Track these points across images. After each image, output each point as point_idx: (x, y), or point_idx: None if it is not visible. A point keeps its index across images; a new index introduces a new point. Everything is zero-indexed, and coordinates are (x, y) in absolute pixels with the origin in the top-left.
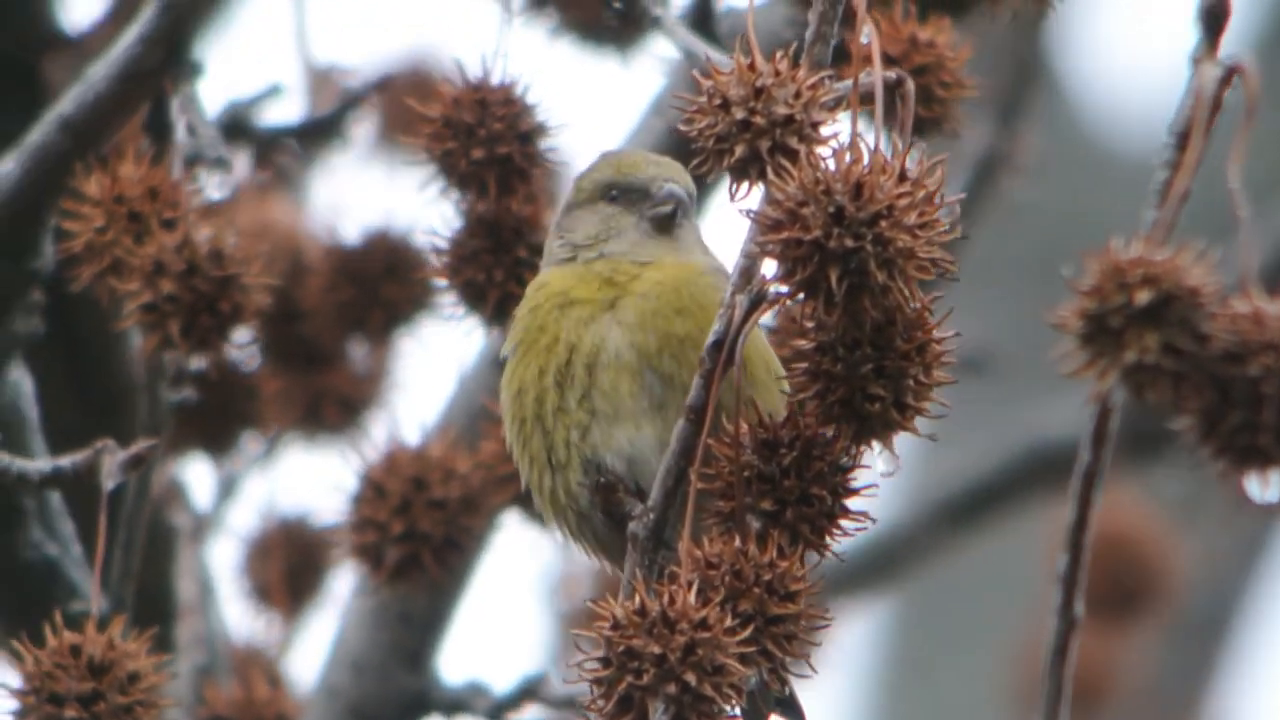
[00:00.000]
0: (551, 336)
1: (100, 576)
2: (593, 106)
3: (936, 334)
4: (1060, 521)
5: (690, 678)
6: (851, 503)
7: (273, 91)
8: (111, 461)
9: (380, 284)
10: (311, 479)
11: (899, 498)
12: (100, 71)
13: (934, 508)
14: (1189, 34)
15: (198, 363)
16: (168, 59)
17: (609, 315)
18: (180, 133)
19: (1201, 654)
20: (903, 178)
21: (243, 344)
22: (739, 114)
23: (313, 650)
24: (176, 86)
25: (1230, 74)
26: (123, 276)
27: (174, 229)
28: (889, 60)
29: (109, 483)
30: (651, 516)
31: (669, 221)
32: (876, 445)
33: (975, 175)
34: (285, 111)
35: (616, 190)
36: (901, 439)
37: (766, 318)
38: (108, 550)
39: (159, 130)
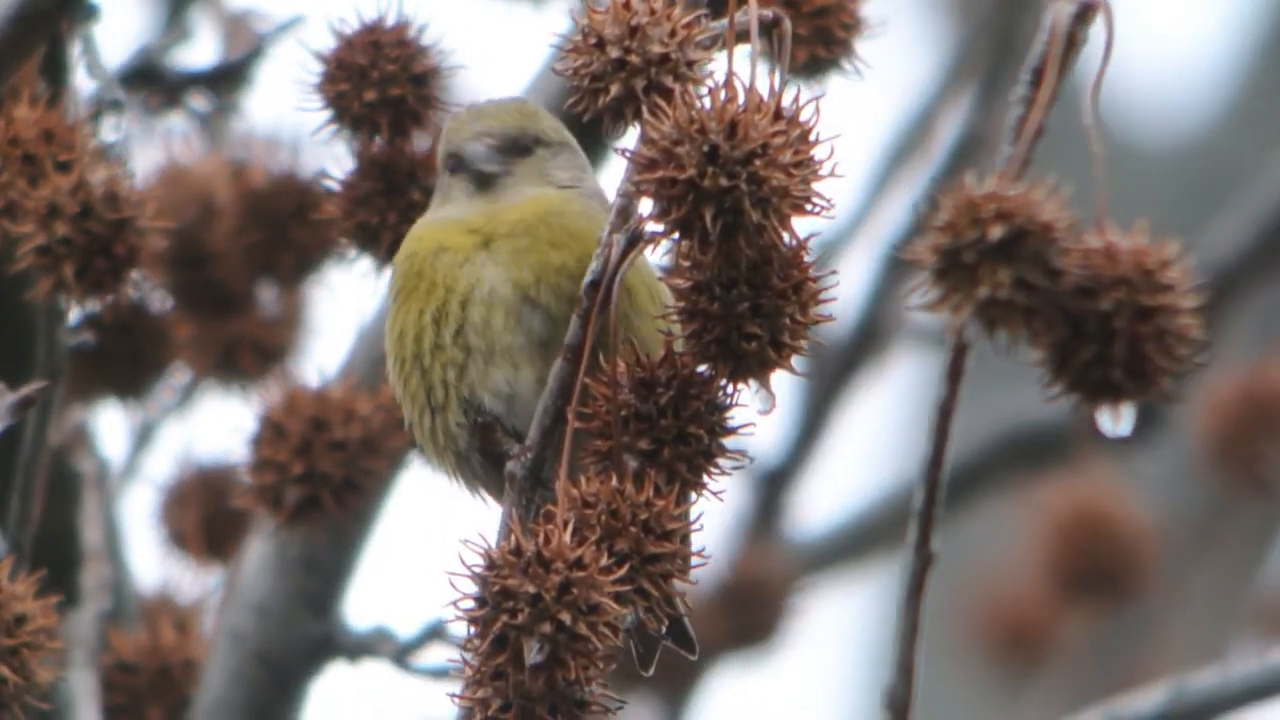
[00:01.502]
0: (429, 281)
1: None
2: (502, 49)
3: (812, 272)
4: (1041, 504)
5: (565, 617)
6: (728, 441)
7: (183, 36)
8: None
9: (289, 226)
10: (228, 426)
11: (882, 477)
12: None
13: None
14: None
15: (93, 306)
16: (63, 1)
17: (483, 255)
18: (77, 75)
19: (1144, 615)
20: (778, 116)
21: (140, 286)
22: (614, 53)
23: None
24: (73, 28)
25: (1086, 11)
26: (17, 219)
27: (69, 172)
28: (788, 2)
29: None
30: (529, 456)
31: (484, 179)
32: (753, 383)
33: (953, 154)
34: (197, 56)
35: (451, 160)
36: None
37: (657, 257)
38: (4, 495)
39: (55, 73)
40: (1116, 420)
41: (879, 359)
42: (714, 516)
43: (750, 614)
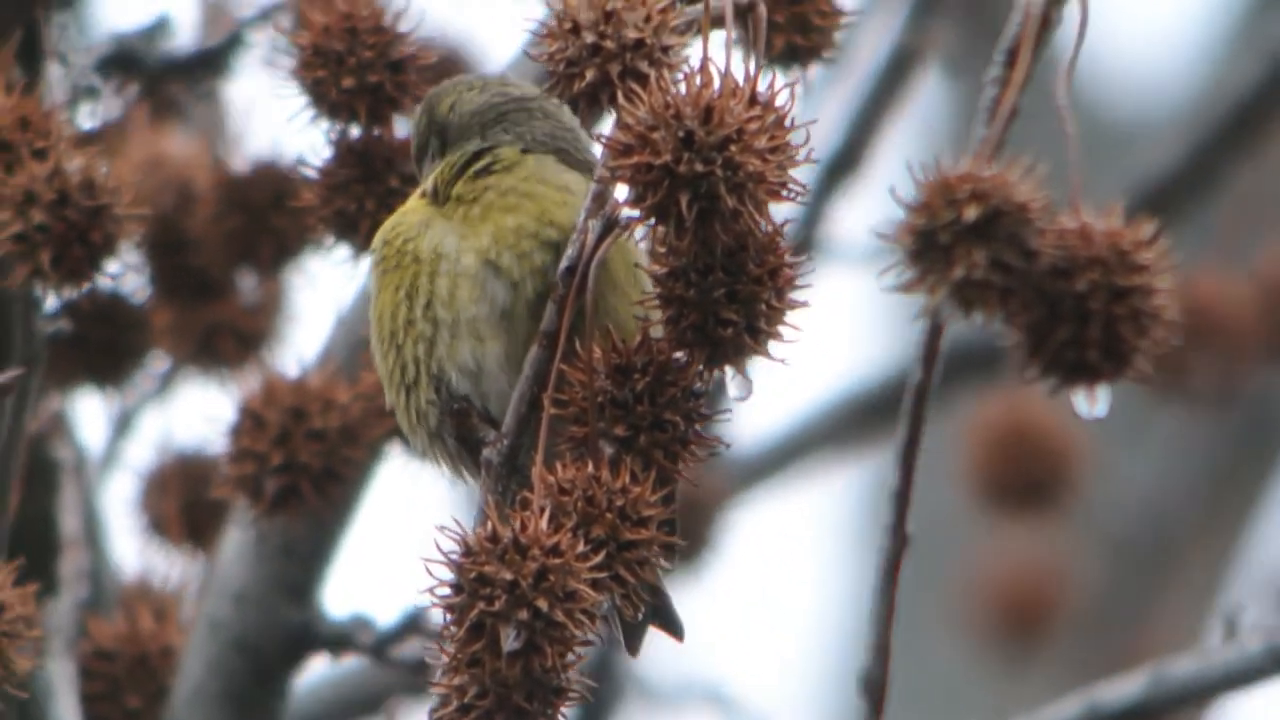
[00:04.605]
0: (395, 249)
1: None
2: (481, 32)
3: (788, 258)
4: (973, 419)
5: (542, 604)
6: (704, 427)
7: (161, 23)
8: None
9: (269, 213)
10: (208, 413)
11: (811, 393)
12: None
13: (848, 404)
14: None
15: (69, 293)
16: None
17: (442, 221)
18: (53, 62)
19: (1147, 577)
20: (753, 101)
21: (116, 274)
22: (589, 38)
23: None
24: (49, 15)
25: None
26: None
27: (45, 159)
28: None
29: None
30: (505, 443)
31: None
32: (730, 369)
33: (887, 69)
34: (177, 43)
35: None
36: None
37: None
38: None
39: (31, 59)
40: (1092, 402)
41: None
42: None
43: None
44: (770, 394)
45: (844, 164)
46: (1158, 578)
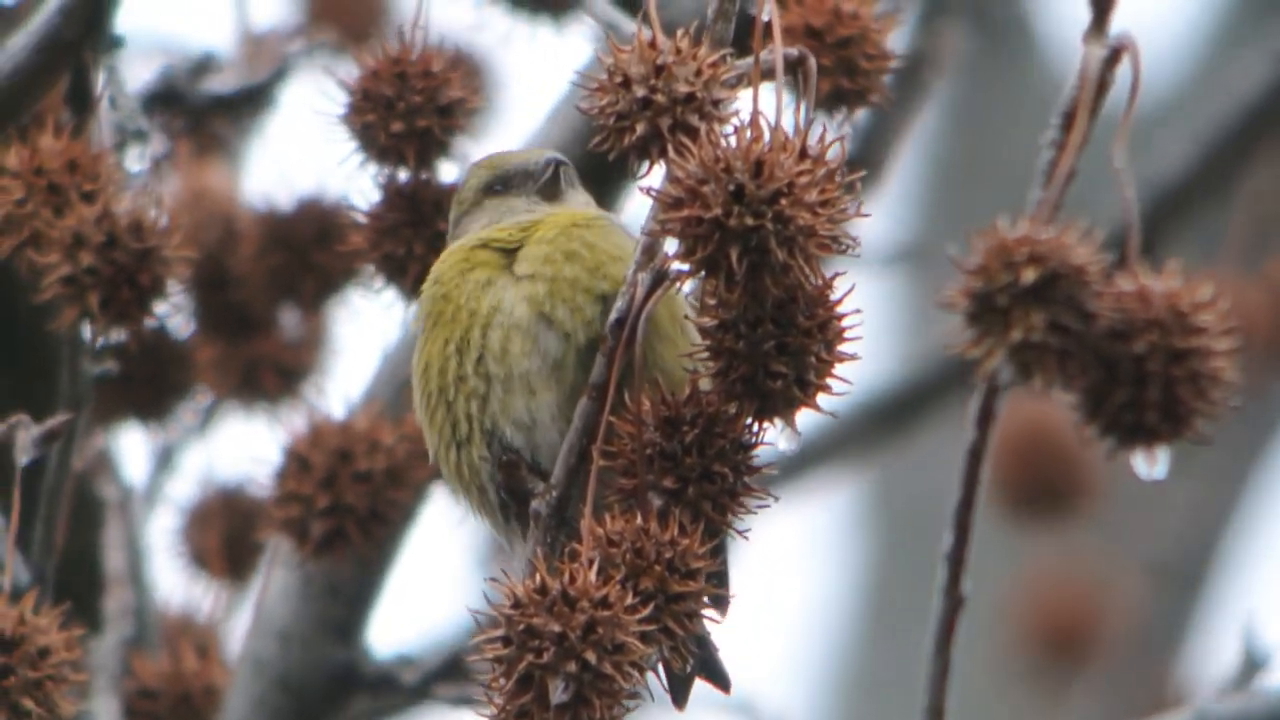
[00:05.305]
0: (455, 305)
1: (20, 550)
2: (525, 75)
3: (838, 311)
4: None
5: (590, 656)
6: (753, 479)
7: (207, 59)
8: (25, 437)
9: (311, 250)
10: (250, 447)
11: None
12: (19, 43)
13: (863, 410)
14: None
15: (117, 335)
16: (87, 31)
17: (505, 276)
18: (102, 105)
19: (1185, 601)
20: (803, 155)
21: (163, 316)
22: (640, 92)
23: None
24: (97, 58)
25: (1117, 54)
26: (42, 249)
27: (94, 201)
28: (812, 33)
29: (22, 458)
30: (554, 494)
31: (555, 184)
32: (779, 421)
33: (900, 71)
34: (221, 79)
35: (498, 183)
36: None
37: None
38: (29, 524)
39: (80, 102)
40: (1151, 463)
41: None
42: None
43: None
44: None
45: (858, 167)
46: (1197, 603)
